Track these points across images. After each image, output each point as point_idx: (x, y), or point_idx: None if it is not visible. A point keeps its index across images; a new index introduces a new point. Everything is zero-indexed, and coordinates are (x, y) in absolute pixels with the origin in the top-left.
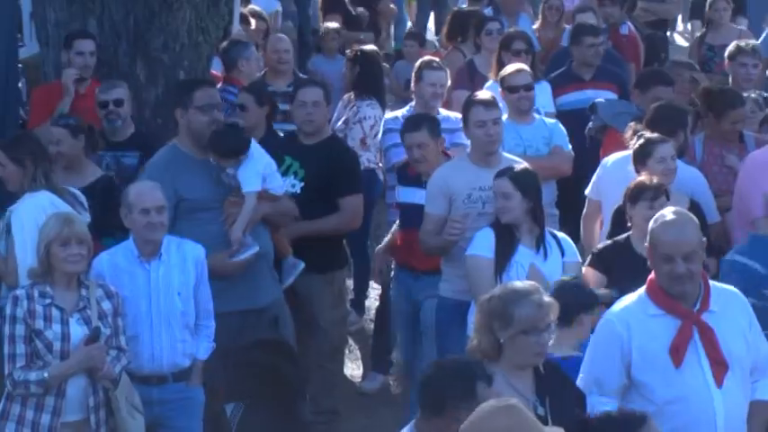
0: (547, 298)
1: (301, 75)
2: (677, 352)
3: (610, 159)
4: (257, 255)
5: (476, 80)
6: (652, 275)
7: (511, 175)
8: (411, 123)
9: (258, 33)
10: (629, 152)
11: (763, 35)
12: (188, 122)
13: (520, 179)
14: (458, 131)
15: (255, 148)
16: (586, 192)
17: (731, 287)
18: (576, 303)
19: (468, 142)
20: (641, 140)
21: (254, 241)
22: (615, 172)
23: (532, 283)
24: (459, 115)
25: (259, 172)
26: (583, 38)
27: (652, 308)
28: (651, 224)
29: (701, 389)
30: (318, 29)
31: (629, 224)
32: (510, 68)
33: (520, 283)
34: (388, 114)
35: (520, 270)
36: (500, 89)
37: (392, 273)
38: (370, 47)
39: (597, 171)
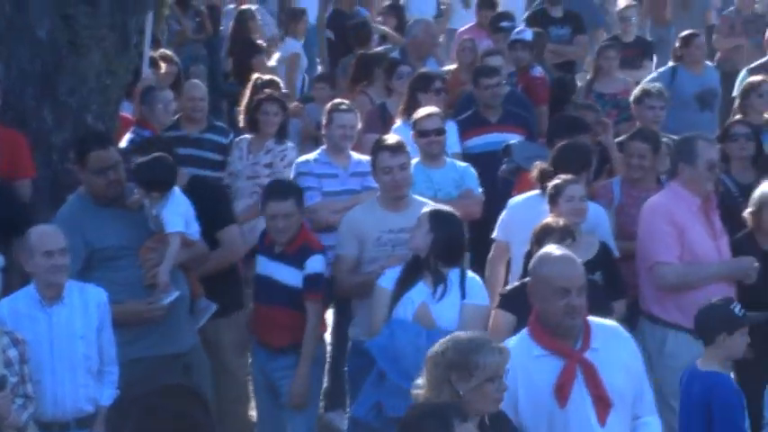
0: (502, 344)
1: (216, 122)
2: (562, 392)
3: (515, 200)
4: (176, 301)
5: (387, 124)
6: (532, 317)
7: (429, 210)
8: (277, 192)
9: (168, 77)
10: (535, 192)
11: (650, 76)
12: (86, 181)
13: (434, 214)
14: (369, 175)
15: (177, 190)
16: (493, 234)
17: (612, 322)
18: (718, 323)
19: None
20: (555, 180)
21: (175, 286)
22: (521, 213)
23: (479, 332)
24: None
25: (182, 213)
26: (479, 79)
27: (536, 349)
28: (536, 262)
29: (584, 428)
30: (228, 73)
31: None
32: (421, 112)
33: (470, 333)
34: (300, 158)
35: (409, 307)
36: (411, 132)
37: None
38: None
39: (503, 213)
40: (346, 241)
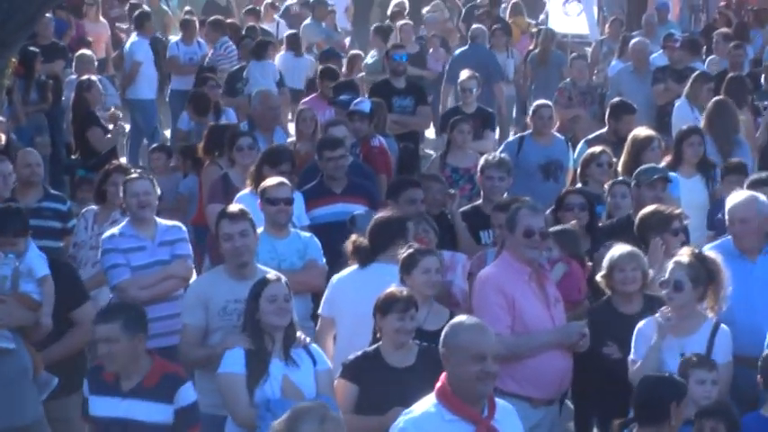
0: (332, 413)
1: (52, 190)
2: None
3: (336, 277)
4: (18, 372)
5: (230, 194)
6: (441, 383)
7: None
8: (103, 313)
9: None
10: (355, 267)
11: (502, 146)
12: None
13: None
14: (179, 242)
15: (31, 241)
16: (319, 311)
17: (502, 401)
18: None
19: None
20: (409, 250)
21: (17, 347)
22: (343, 288)
23: (319, 402)
24: None
25: (40, 256)
26: (322, 152)
27: (446, 413)
28: (450, 331)
29: None
30: (71, 143)
31: (378, 335)
32: (272, 181)
33: (306, 403)
34: (106, 233)
35: (274, 383)
36: (259, 201)
37: None
38: None
39: (327, 289)
40: (193, 310)
